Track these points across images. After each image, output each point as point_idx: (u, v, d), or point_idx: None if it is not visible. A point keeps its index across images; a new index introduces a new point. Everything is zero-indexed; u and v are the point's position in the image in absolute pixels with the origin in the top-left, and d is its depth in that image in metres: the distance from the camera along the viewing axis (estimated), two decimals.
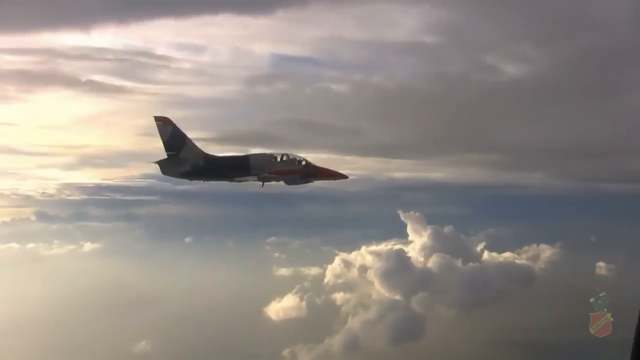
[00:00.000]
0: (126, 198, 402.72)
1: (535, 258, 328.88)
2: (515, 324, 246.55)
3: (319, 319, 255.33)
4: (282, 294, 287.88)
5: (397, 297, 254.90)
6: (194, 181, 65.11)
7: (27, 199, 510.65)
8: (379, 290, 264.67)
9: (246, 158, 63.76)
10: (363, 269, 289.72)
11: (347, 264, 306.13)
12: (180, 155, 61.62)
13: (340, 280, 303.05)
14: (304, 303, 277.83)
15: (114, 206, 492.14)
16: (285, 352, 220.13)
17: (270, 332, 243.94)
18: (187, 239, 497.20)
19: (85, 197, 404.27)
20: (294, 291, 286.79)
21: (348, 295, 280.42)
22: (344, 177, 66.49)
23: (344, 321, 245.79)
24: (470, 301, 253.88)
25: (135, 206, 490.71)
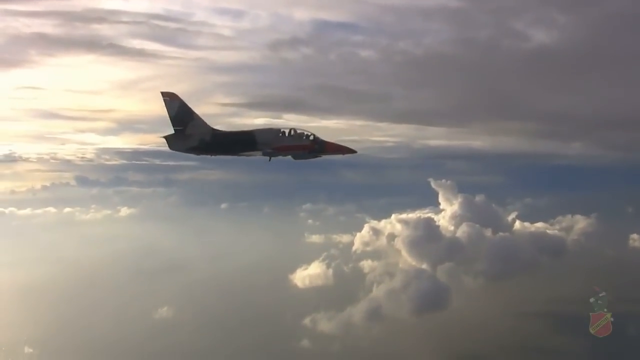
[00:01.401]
0: (165, 163, 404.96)
1: (568, 229, 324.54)
2: (544, 295, 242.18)
3: (345, 287, 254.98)
4: (310, 261, 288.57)
5: (424, 266, 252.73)
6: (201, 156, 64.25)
7: (67, 164, 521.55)
8: (406, 258, 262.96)
9: (252, 133, 62.32)
10: (391, 237, 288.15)
11: (376, 232, 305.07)
12: (187, 131, 60.85)
13: (368, 248, 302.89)
14: (330, 271, 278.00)
15: (153, 171, 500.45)
16: (307, 320, 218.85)
17: (294, 300, 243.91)
18: (223, 205, 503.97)
19: (124, 161, 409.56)
20: (320, 258, 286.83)
21: (375, 263, 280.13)
22: (353, 151, 63.73)
23: (369, 290, 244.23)
24: (498, 272, 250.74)
25: (175, 172, 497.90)
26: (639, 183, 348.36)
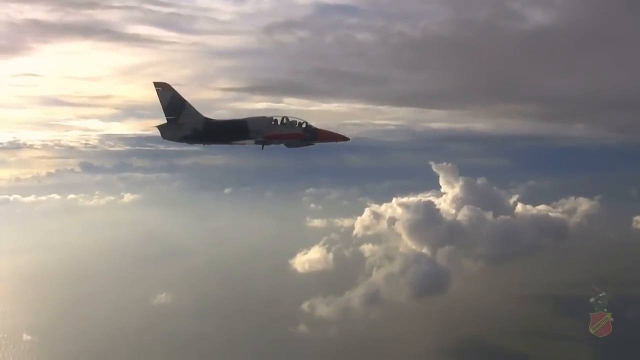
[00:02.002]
0: (169, 149, 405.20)
1: (571, 211, 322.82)
2: (545, 279, 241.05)
3: (345, 272, 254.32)
4: (311, 245, 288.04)
5: (424, 249, 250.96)
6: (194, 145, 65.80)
7: (71, 150, 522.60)
8: (406, 242, 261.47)
9: (244, 122, 62.92)
10: (392, 221, 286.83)
11: (377, 216, 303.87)
12: (179, 120, 61.78)
13: (369, 232, 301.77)
14: (330, 255, 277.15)
15: (157, 157, 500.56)
16: (305, 305, 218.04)
17: (293, 285, 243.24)
18: (226, 190, 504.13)
19: (128, 147, 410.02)
20: (320, 243, 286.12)
21: (376, 247, 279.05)
22: (346, 139, 63.92)
23: (369, 274, 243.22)
24: (499, 255, 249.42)
25: (179, 157, 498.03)
26: None
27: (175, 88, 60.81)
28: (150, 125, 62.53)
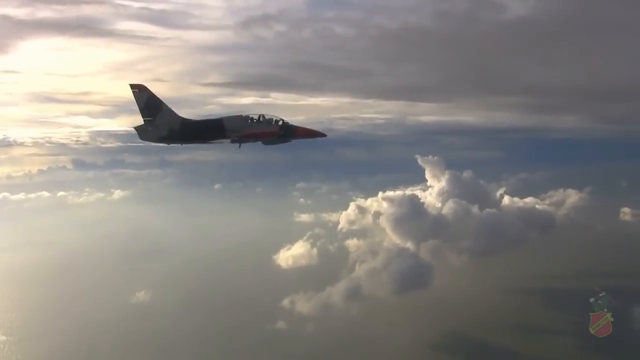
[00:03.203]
0: (161, 145, 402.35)
1: (559, 203, 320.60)
2: (532, 271, 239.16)
3: (329, 267, 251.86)
4: (295, 240, 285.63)
5: (408, 244, 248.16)
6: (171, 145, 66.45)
7: (62, 147, 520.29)
8: (391, 237, 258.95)
9: (220, 121, 64.00)
10: (377, 215, 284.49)
11: (362, 210, 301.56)
12: (156, 121, 62.73)
13: (354, 227, 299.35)
14: (314, 250, 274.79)
15: (149, 153, 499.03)
16: (285, 302, 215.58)
17: (275, 281, 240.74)
18: (216, 186, 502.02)
19: (120, 144, 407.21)
20: (304, 238, 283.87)
21: (361, 242, 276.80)
22: (323, 135, 65.15)
23: (352, 269, 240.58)
24: (483, 248, 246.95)
25: (171, 153, 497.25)
26: (633, 156, 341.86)
27: (164, 84, 61.76)
28: (140, 121, 62.30)
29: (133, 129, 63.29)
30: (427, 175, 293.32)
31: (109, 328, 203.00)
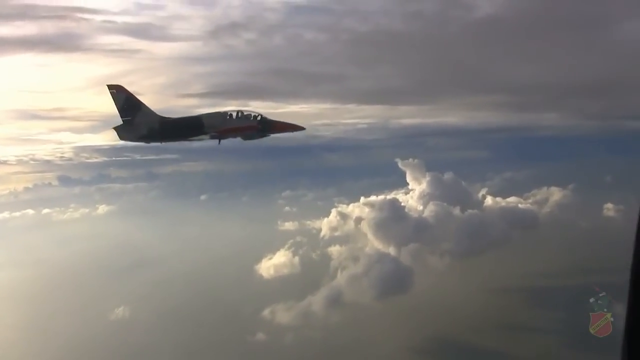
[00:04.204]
0: (147, 158, 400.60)
1: (543, 202, 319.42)
2: (515, 271, 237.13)
3: (310, 275, 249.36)
4: (277, 249, 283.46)
5: (390, 248, 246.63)
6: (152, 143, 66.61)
7: (47, 164, 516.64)
8: (372, 242, 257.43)
9: (199, 118, 65.00)
10: (359, 220, 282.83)
11: (344, 217, 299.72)
12: (135, 121, 63.26)
13: (337, 234, 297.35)
14: (296, 258, 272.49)
15: (135, 166, 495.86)
16: (266, 312, 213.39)
17: (257, 291, 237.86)
18: (202, 197, 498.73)
19: (105, 158, 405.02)
20: (286, 247, 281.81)
21: (343, 248, 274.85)
22: (301, 128, 65.60)
23: (334, 276, 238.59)
24: (465, 250, 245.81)
25: (157, 165, 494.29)
26: (616, 151, 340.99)
27: (146, 97, 62.84)
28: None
29: (113, 129, 63.20)
30: (408, 178, 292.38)
31: (88, 345, 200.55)
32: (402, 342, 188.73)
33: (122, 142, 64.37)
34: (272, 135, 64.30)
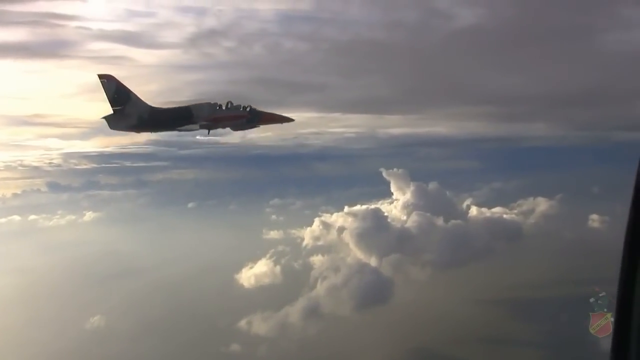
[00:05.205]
0: (136, 165, 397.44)
1: (529, 212, 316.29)
2: (498, 283, 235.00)
3: (291, 285, 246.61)
4: (259, 259, 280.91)
5: (371, 258, 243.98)
6: (144, 133, 67.85)
7: (36, 170, 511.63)
8: (354, 252, 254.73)
9: (189, 108, 65.66)
10: (341, 230, 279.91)
11: (327, 226, 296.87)
12: (125, 110, 63.68)
13: (319, 243, 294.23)
14: (277, 268, 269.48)
15: (125, 174, 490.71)
16: (243, 322, 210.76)
17: (236, 301, 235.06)
18: (190, 204, 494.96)
19: (94, 165, 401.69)
20: (267, 256, 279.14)
21: (325, 258, 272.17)
22: (290, 120, 66.79)
23: (313, 286, 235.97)
24: (447, 261, 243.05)
25: (147, 173, 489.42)
26: (604, 161, 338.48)
27: None
28: (110, 142, 66.40)
29: (102, 119, 64.03)
30: (393, 188, 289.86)
31: (61, 355, 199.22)
32: (381, 355, 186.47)
33: (111, 149, 65.31)
34: (265, 143, 65.44)
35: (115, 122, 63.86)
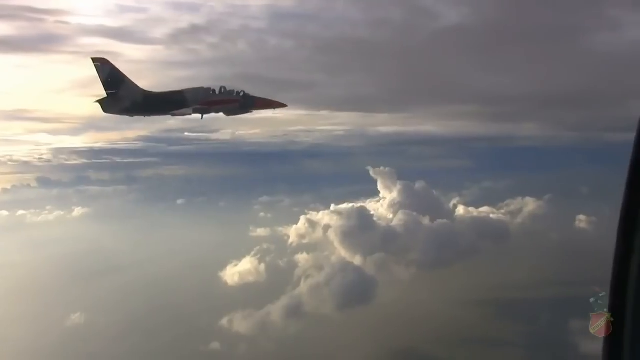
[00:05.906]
0: (127, 161, 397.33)
1: (516, 212, 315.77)
2: (484, 283, 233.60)
3: (275, 283, 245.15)
4: (243, 256, 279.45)
5: (356, 257, 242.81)
6: (135, 116, 67.50)
7: (26, 165, 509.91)
8: (339, 250, 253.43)
9: (182, 93, 66.02)
10: (327, 228, 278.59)
11: (312, 224, 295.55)
12: (119, 94, 63.80)
13: (305, 241, 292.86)
14: (262, 266, 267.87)
15: (115, 169, 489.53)
16: (224, 321, 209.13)
17: (219, 299, 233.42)
18: (179, 201, 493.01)
19: (85, 161, 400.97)
20: (252, 253, 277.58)
21: (310, 256, 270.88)
22: (283, 105, 67.92)
23: (297, 285, 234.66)
24: (432, 260, 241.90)
25: (138, 169, 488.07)
26: (594, 162, 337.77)
27: None
28: (100, 137, 64.58)
29: (96, 102, 63.78)
30: (380, 186, 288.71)
31: (40, 351, 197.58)
32: (363, 355, 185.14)
33: (101, 144, 64.27)
34: (255, 140, 64.88)
35: (109, 105, 64.20)
